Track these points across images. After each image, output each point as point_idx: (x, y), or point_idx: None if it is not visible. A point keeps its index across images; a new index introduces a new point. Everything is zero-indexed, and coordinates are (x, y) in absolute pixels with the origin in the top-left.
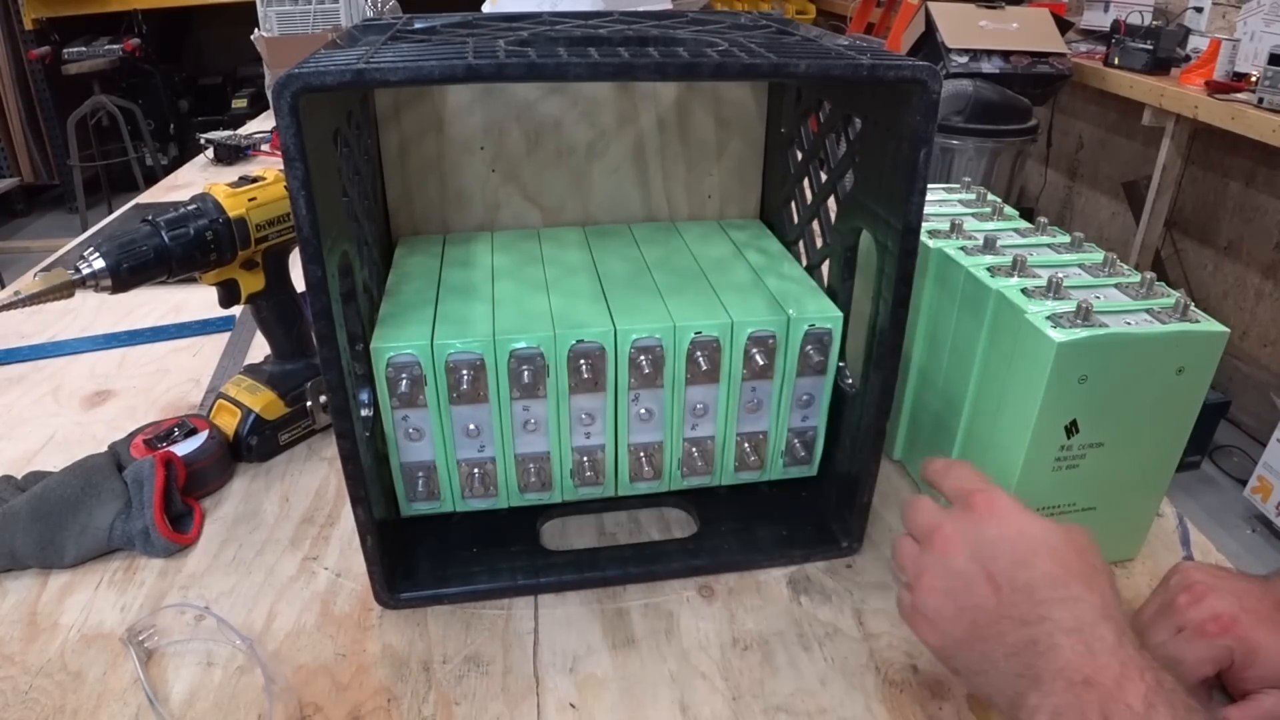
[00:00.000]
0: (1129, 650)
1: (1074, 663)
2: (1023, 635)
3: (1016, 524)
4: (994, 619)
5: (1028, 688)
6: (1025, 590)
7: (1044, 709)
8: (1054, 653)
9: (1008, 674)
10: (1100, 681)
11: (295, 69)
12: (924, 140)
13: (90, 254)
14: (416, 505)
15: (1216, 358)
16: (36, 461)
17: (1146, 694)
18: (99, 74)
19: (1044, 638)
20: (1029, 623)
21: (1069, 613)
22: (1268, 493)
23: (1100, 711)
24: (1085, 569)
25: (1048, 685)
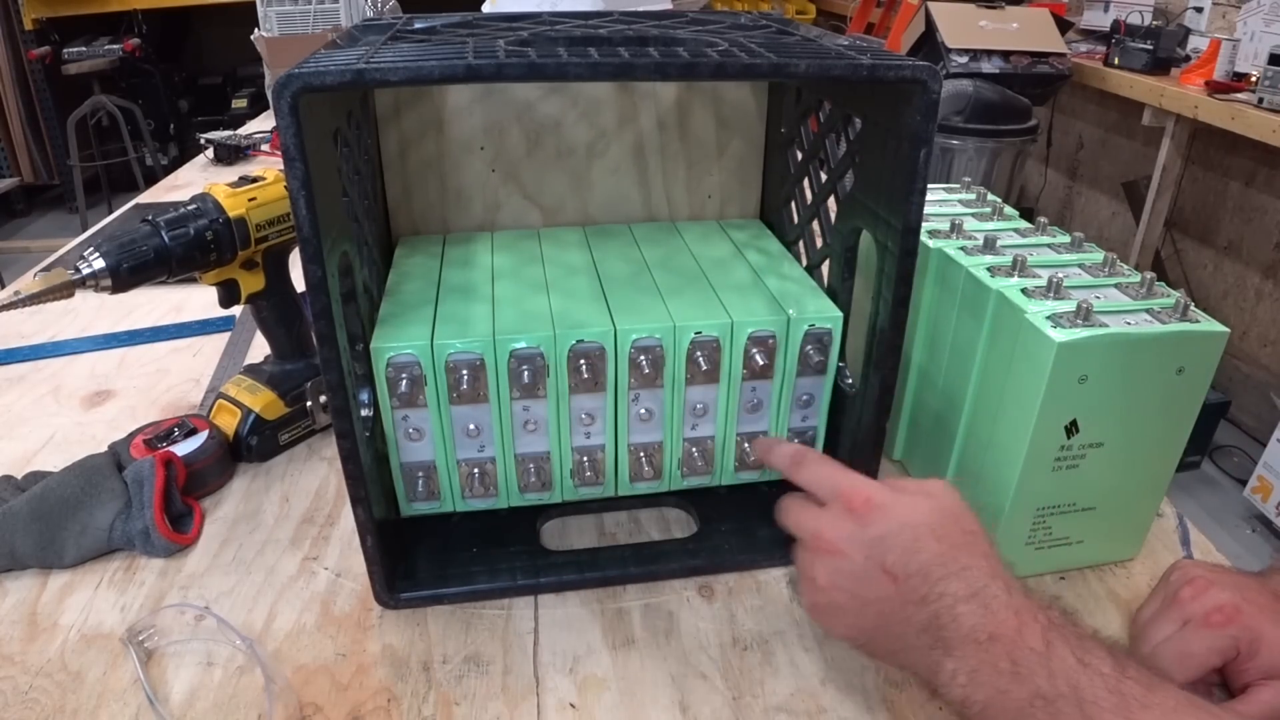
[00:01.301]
0: (1019, 599)
1: (977, 625)
2: (927, 613)
3: (897, 517)
4: (898, 605)
5: (942, 656)
6: (920, 574)
7: (961, 671)
8: (957, 621)
9: (921, 648)
10: (1002, 634)
11: (295, 69)
12: (924, 140)
13: (90, 254)
14: (416, 505)
15: (1216, 358)
16: (36, 461)
17: (1043, 633)
18: (99, 74)
19: (945, 611)
20: (930, 601)
21: (962, 583)
22: (1268, 493)
23: (1009, 659)
24: (966, 539)
25: (959, 650)
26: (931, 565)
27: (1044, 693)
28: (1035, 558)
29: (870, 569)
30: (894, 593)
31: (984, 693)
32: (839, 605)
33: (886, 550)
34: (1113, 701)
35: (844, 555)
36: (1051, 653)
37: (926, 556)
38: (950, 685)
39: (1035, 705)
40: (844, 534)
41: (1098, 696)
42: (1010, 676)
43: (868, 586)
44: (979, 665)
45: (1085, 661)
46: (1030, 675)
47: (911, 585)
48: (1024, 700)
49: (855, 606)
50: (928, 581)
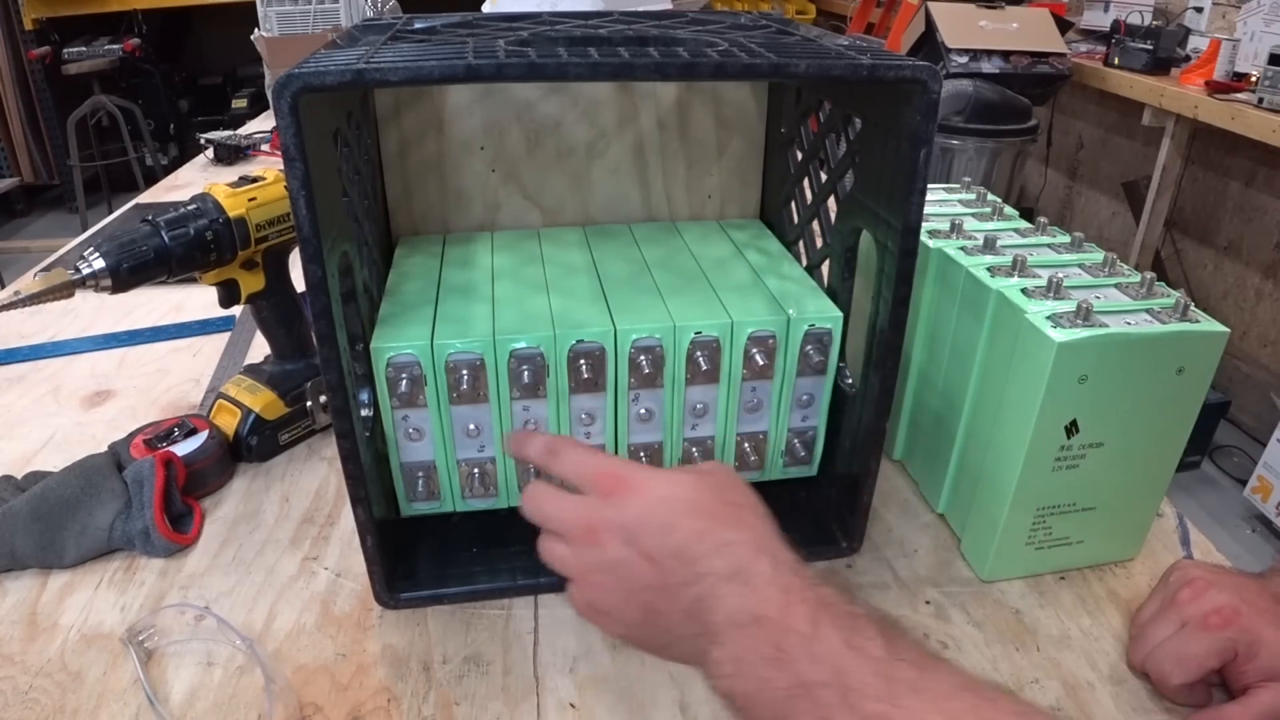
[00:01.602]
0: (788, 576)
1: (740, 606)
2: (689, 596)
3: (652, 493)
4: (660, 592)
5: (708, 645)
6: (678, 555)
7: (726, 660)
8: (719, 603)
9: (688, 637)
10: (766, 615)
11: (295, 69)
12: (924, 140)
13: (90, 254)
14: (416, 505)
15: (1216, 358)
16: (36, 461)
17: (810, 614)
18: (99, 74)
19: (708, 592)
20: (690, 583)
21: (724, 561)
22: (1268, 493)
23: (773, 644)
24: (729, 512)
25: (723, 636)
26: (690, 543)
27: (806, 679)
28: (1035, 558)
29: (628, 556)
30: (655, 579)
31: (748, 684)
32: (605, 600)
33: (642, 532)
34: (879, 688)
35: (600, 543)
36: (817, 635)
37: (684, 535)
38: (715, 675)
39: (796, 694)
40: (598, 519)
41: (863, 683)
42: (773, 663)
43: (629, 575)
44: (743, 652)
45: (853, 644)
46: (793, 661)
47: (671, 568)
48: (785, 689)
49: (620, 599)
50: (686, 561)
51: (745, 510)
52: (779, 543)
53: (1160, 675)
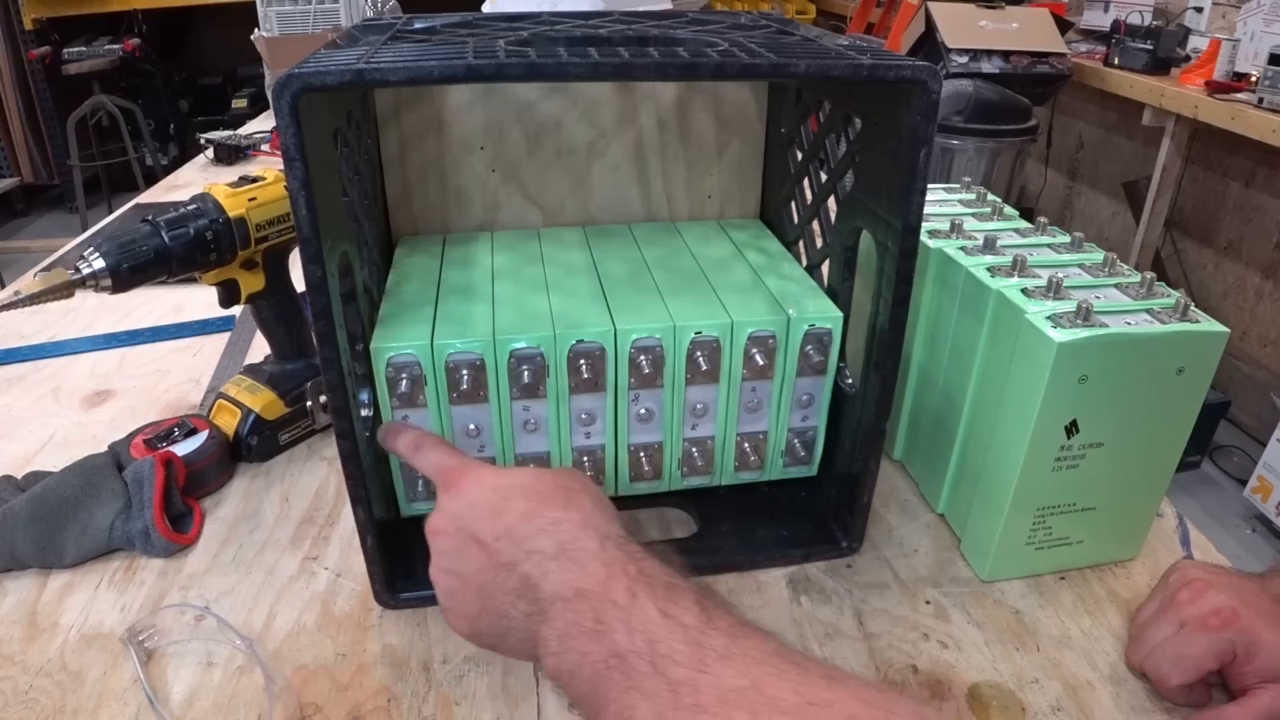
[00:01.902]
0: (612, 551)
1: (564, 581)
2: (518, 576)
3: (485, 481)
4: (492, 575)
5: (538, 624)
6: (507, 535)
7: (551, 637)
8: (546, 579)
9: (519, 619)
10: (589, 589)
11: (295, 69)
12: (924, 140)
13: (90, 254)
14: (416, 505)
15: (1216, 358)
16: (36, 461)
17: (629, 585)
18: (99, 74)
19: (534, 570)
20: (518, 561)
21: (550, 539)
22: (1268, 493)
23: (593, 616)
24: (560, 494)
25: (550, 612)
26: (517, 525)
27: (620, 649)
28: (1035, 558)
29: (460, 542)
30: (485, 561)
31: (569, 660)
32: (451, 593)
33: (474, 516)
34: (688, 654)
35: (442, 534)
36: (634, 605)
37: (512, 517)
38: (544, 654)
39: (610, 665)
40: (438, 516)
41: (673, 650)
42: (592, 636)
43: (462, 561)
44: (567, 627)
45: (668, 613)
46: (610, 632)
47: (500, 548)
48: (601, 660)
49: (459, 587)
50: (514, 541)
51: (577, 493)
52: (608, 520)
53: (1159, 676)
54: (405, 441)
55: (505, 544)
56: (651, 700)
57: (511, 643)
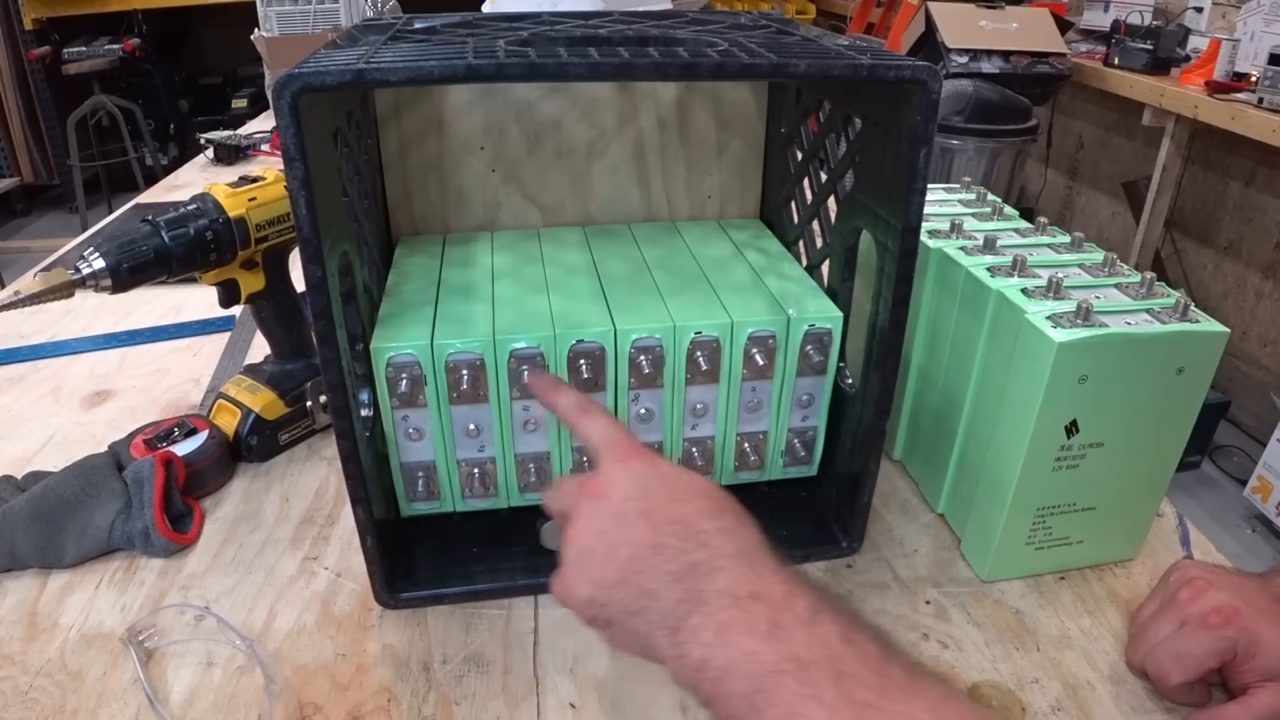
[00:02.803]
0: (789, 572)
1: (739, 581)
2: (683, 561)
3: (667, 469)
4: (651, 550)
5: (690, 611)
6: (682, 522)
7: (708, 626)
8: (717, 573)
9: (669, 602)
10: (768, 595)
11: (295, 69)
12: (924, 140)
13: (90, 254)
14: (416, 505)
15: (1216, 358)
16: (36, 461)
17: (811, 605)
18: (99, 74)
19: (705, 561)
20: (688, 550)
21: (729, 541)
22: (1268, 493)
23: (768, 620)
24: (736, 510)
25: (712, 604)
26: (695, 517)
27: (800, 656)
28: (1035, 558)
29: (627, 510)
30: (650, 536)
31: (728, 653)
32: (588, 554)
33: (648, 495)
34: (873, 680)
35: (603, 496)
36: (816, 621)
37: (691, 509)
38: (691, 643)
39: (785, 669)
40: (606, 479)
41: (857, 672)
42: (765, 638)
43: (621, 528)
44: (731, 621)
45: (850, 639)
46: (788, 639)
47: (672, 531)
48: (773, 663)
49: (604, 551)
50: (689, 531)
51: (748, 520)
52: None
53: (1160, 674)
54: (568, 402)
55: (679, 529)
56: (832, 713)
57: (638, 623)
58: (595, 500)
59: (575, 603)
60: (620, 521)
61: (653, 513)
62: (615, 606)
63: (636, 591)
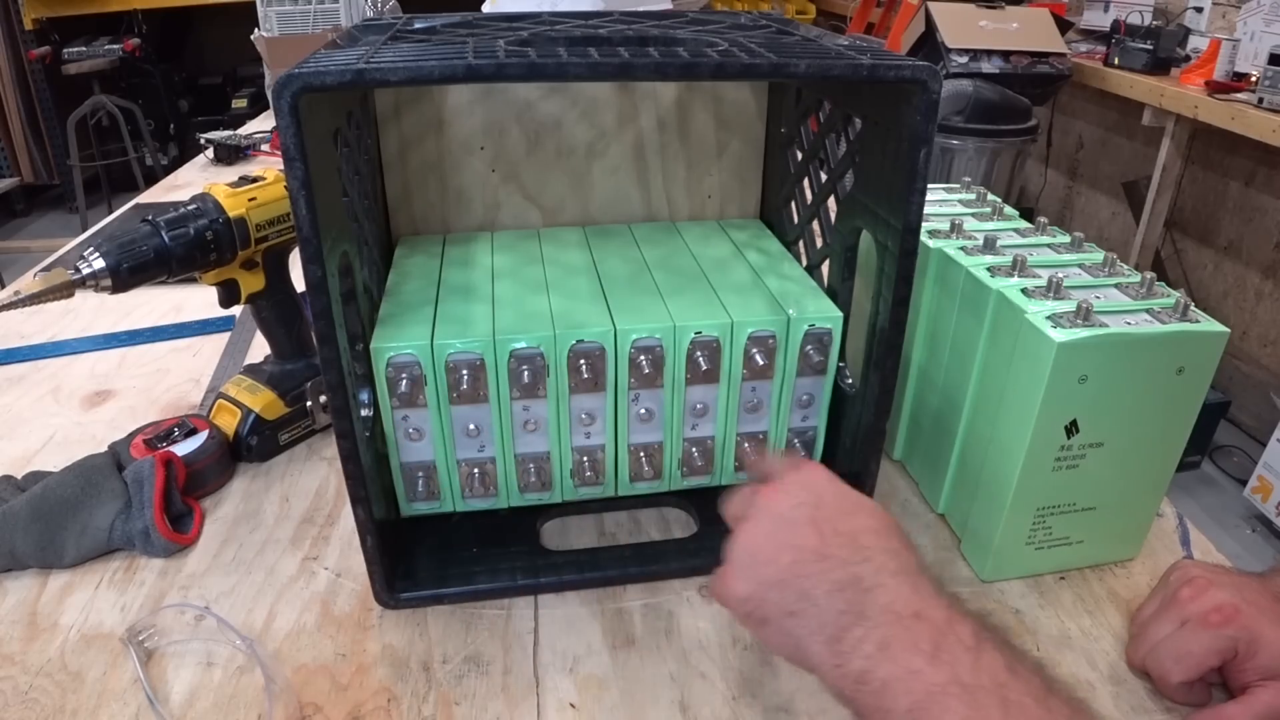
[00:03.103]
0: (951, 600)
1: (902, 599)
2: (847, 573)
3: (841, 488)
4: (817, 557)
5: (852, 623)
6: (849, 535)
7: (870, 639)
8: (880, 590)
9: (829, 611)
10: (930, 617)
11: (295, 69)
12: (924, 140)
13: (90, 254)
14: (416, 505)
15: (1216, 358)
16: (36, 461)
17: (975, 632)
18: (99, 74)
19: (869, 576)
20: (853, 563)
21: (893, 560)
22: (1268, 493)
23: (932, 641)
24: (901, 533)
25: (874, 619)
26: (862, 532)
27: (964, 681)
28: (1035, 558)
29: (797, 516)
30: (816, 544)
31: (890, 668)
32: (753, 554)
33: (819, 505)
34: (1038, 711)
35: (775, 501)
36: (981, 649)
37: (859, 524)
38: (851, 654)
39: (950, 691)
40: (780, 486)
41: (1022, 701)
42: (929, 657)
43: (789, 532)
44: (894, 638)
45: (1014, 669)
46: (952, 663)
47: (838, 543)
48: (938, 684)
49: (769, 552)
50: (855, 545)
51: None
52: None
53: (1161, 673)
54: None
55: (845, 541)
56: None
57: (794, 624)
58: (767, 504)
59: (731, 599)
60: (789, 525)
61: (821, 522)
62: (772, 606)
63: (796, 594)
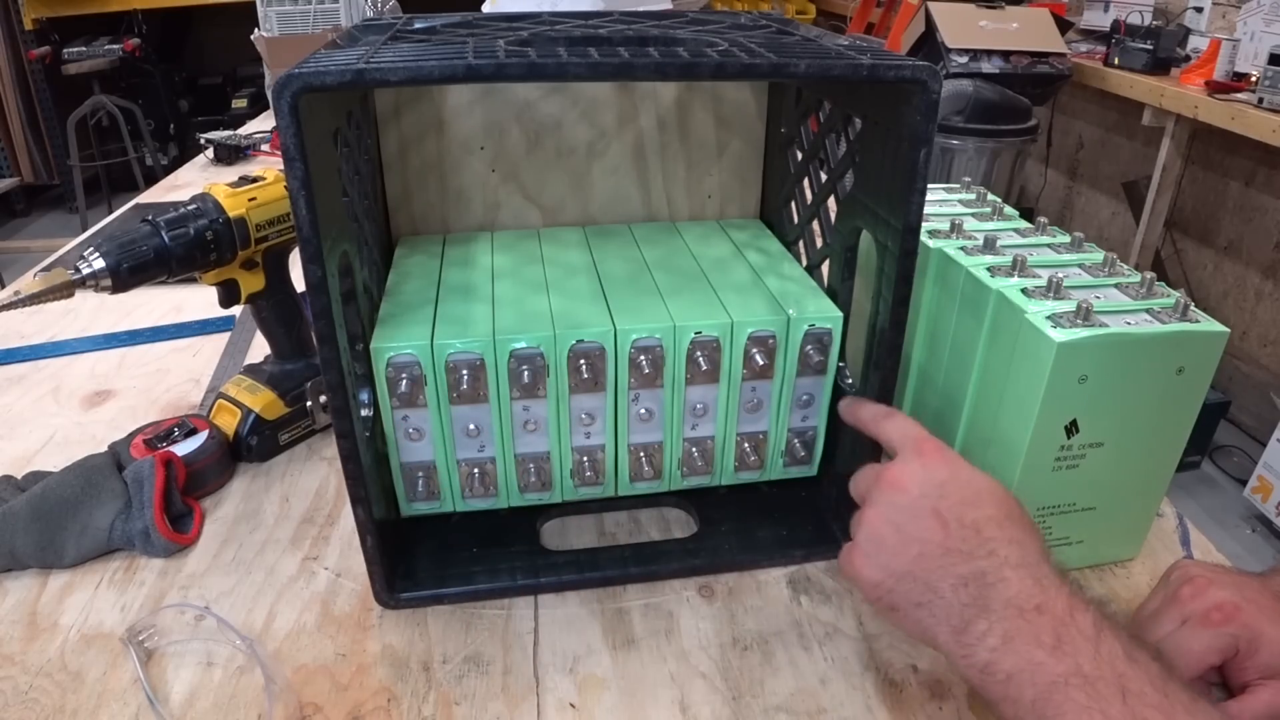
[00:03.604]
0: (1072, 588)
1: (1024, 593)
2: (970, 568)
3: (964, 472)
4: (941, 551)
5: (975, 615)
6: (973, 528)
7: (994, 633)
8: (1003, 584)
9: (954, 604)
10: (1051, 609)
11: (295, 69)
12: (924, 140)
13: (90, 254)
14: (416, 505)
15: (1216, 358)
16: (36, 461)
17: (1095, 621)
18: (99, 74)
19: (992, 570)
20: (976, 557)
21: (1015, 551)
22: (1268, 493)
23: (1053, 633)
24: (1023, 517)
25: (998, 613)
26: (985, 524)
27: (1085, 672)
28: None
29: (922, 508)
30: (941, 538)
31: (1014, 661)
32: (880, 541)
33: (943, 495)
34: (1157, 699)
35: (901, 489)
36: (1100, 639)
37: (982, 515)
38: (977, 646)
39: (1072, 683)
40: (906, 471)
41: (1142, 690)
42: (1051, 649)
43: (914, 524)
44: (1017, 631)
45: (1133, 658)
46: (1074, 654)
47: (961, 535)
48: (1060, 675)
49: (895, 543)
50: (979, 537)
51: (1032, 523)
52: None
53: None
54: (869, 412)
55: (969, 533)
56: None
57: (923, 615)
58: (892, 491)
59: (863, 583)
60: (914, 517)
61: (945, 513)
62: (901, 595)
63: (923, 587)
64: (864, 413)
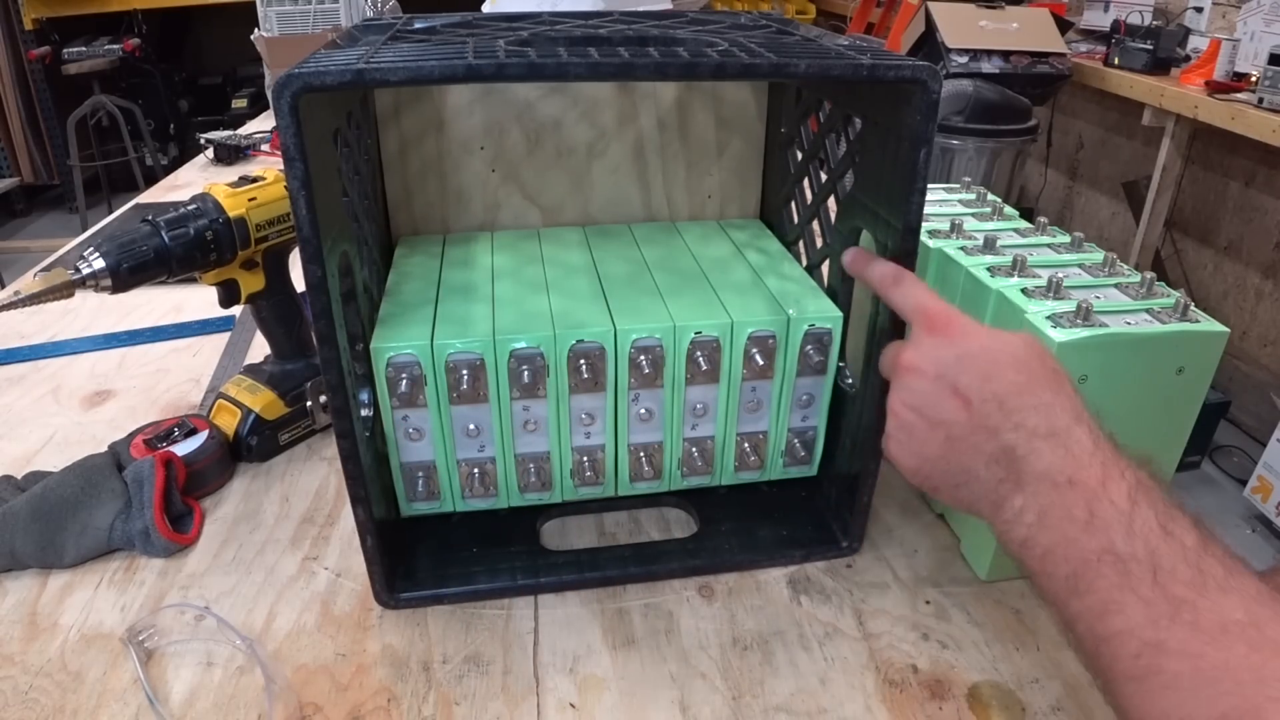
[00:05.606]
0: (1106, 452)
1: (1056, 465)
2: (999, 444)
3: (978, 341)
4: (968, 431)
5: (1010, 491)
6: (995, 401)
7: (1029, 509)
8: (1034, 457)
9: (989, 481)
10: (1084, 481)
11: (295, 69)
12: (924, 140)
13: (90, 254)
14: (416, 505)
15: (1216, 358)
16: (36, 461)
17: (1130, 491)
18: (99, 74)
19: (1021, 444)
20: (1003, 431)
21: (1042, 419)
22: (1268, 493)
23: (1086, 508)
24: (1049, 374)
25: (1031, 488)
26: (1008, 394)
27: (1118, 550)
28: None
29: (941, 389)
30: (965, 418)
31: (1050, 536)
32: (909, 429)
33: (961, 371)
34: (1189, 575)
35: (918, 373)
36: (1135, 512)
37: (1004, 385)
38: (1014, 523)
39: (1104, 560)
40: (920, 352)
41: (1174, 567)
42: (1084, 525)
43: (937, 407)
44: (1050, 506)
45: (1169, 530)
46: (1106, 529)
47: (985, 411)
48: (1093, 552)
49: (923, 430)
50: (1003, 410)
51: (1062, 377)
52: (1093, 416)
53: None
54: (880, 272)
55: (992, 408)
56: (1148, 608)
57: (963, 494)
58: (910, 376)
59: (904, 468)
60: (935, 400)
61: (966, 390)
62: (940, 478)
63: (957, 468)
64: (871, 273)
